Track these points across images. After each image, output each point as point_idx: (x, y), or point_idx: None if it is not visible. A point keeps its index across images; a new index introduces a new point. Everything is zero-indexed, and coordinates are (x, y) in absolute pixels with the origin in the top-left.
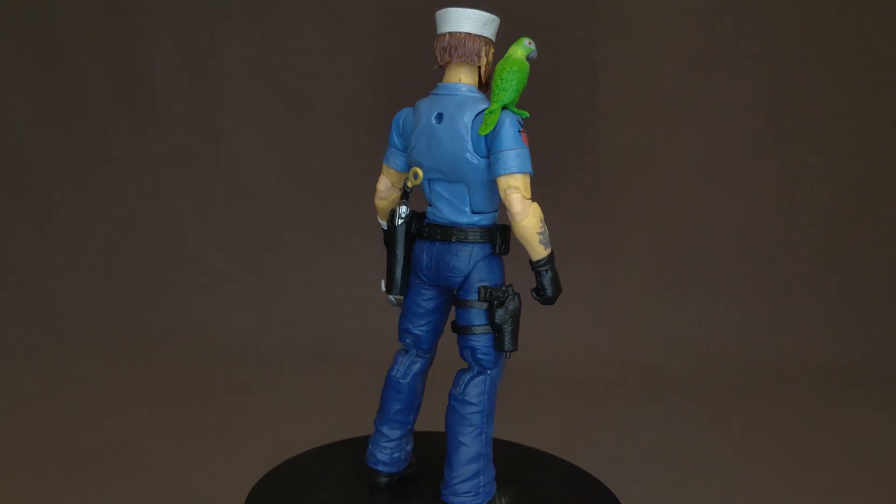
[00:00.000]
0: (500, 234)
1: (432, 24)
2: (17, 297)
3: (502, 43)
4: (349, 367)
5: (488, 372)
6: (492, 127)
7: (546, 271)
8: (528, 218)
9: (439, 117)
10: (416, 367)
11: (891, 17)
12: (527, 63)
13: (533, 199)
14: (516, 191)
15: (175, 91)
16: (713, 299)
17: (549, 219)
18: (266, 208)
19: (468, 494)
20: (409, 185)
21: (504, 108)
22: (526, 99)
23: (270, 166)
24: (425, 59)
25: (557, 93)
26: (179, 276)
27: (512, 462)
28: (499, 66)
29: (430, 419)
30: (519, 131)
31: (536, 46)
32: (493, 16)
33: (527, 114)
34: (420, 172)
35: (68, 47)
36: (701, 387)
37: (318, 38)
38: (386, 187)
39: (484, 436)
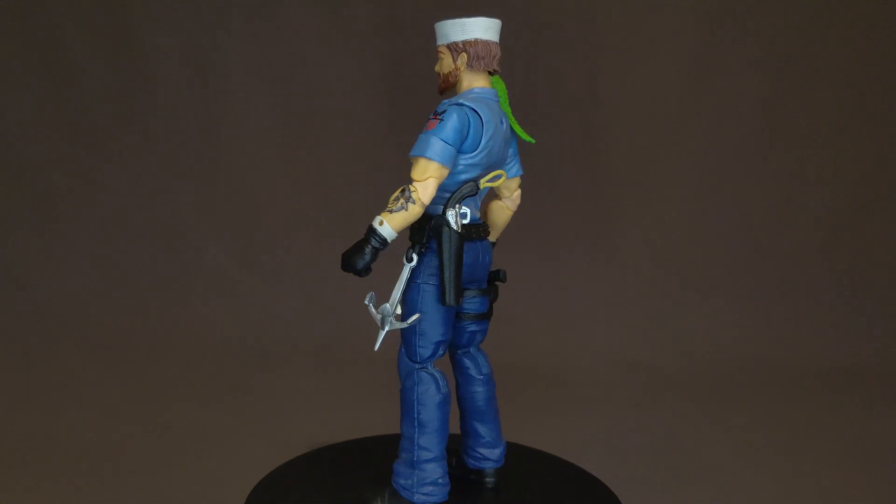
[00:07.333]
0: None
1: (432, 24)
2: (17, 296)
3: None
4: (349, 367)
5: None
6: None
7: None
8: None
9: (502, 121)
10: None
11: (891, 17)
12: None
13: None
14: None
15: (175, 90)
16: (713, 299)
17: (549, 219)
18: (266, 207)
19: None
20: (487, 185)
21: None
22: (526, 99)
23: (270, 166)
24: (426, 60)
25: (557, 93)
26: (179, 276)
27: (512, 462)
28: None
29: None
30: None
31: (538, 47)
32: None
33: None
34: (503, 174)
35: (68, 47)
36: (701, 387)
37: (319, 37)
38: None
39: None
